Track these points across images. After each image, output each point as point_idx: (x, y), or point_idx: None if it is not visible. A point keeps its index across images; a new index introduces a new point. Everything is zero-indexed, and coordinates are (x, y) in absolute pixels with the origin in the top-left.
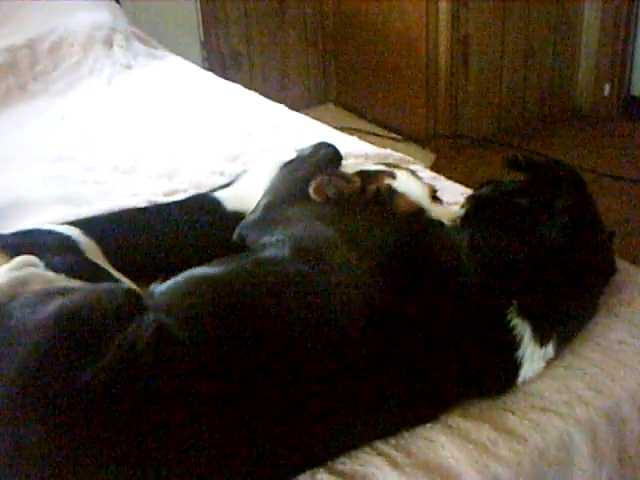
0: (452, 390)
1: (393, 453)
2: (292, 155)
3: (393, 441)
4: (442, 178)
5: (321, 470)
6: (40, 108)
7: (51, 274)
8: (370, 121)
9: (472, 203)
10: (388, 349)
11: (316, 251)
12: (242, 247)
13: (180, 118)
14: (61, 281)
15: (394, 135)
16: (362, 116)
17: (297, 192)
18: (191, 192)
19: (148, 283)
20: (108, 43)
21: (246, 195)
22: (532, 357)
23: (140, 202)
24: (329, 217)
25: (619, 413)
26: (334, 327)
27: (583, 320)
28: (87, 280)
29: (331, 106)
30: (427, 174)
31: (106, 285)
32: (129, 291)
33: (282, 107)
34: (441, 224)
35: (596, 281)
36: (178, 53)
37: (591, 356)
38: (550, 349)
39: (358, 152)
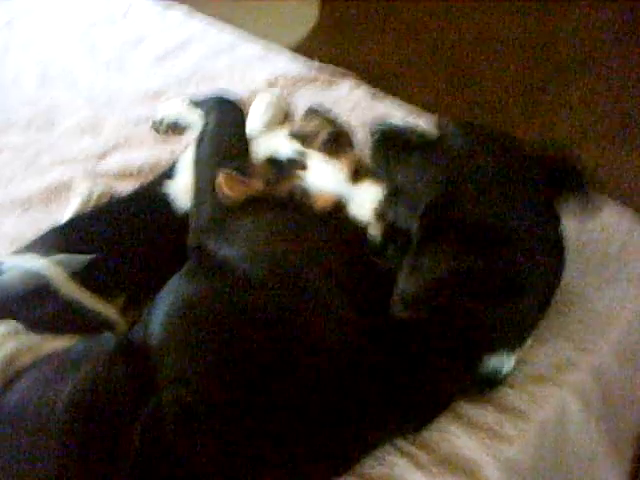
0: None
1: (413, 450)
2: (187, 107)
3: (411, 436)
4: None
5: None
6: None
7: (36, 338)
8: None
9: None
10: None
11: (286, 272)
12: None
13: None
14: (47, 341)
15: None
16: None
17: None
18: (121, 152)
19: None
20: None
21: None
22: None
23: (77, 173)
24: (277, 227)
25: (603, 366)
26: (320, 351)
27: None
28: (68, 325)
29: None
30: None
31: (100, 353)
32: (121, 347)
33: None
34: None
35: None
36: None
37: (575, 314)
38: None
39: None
